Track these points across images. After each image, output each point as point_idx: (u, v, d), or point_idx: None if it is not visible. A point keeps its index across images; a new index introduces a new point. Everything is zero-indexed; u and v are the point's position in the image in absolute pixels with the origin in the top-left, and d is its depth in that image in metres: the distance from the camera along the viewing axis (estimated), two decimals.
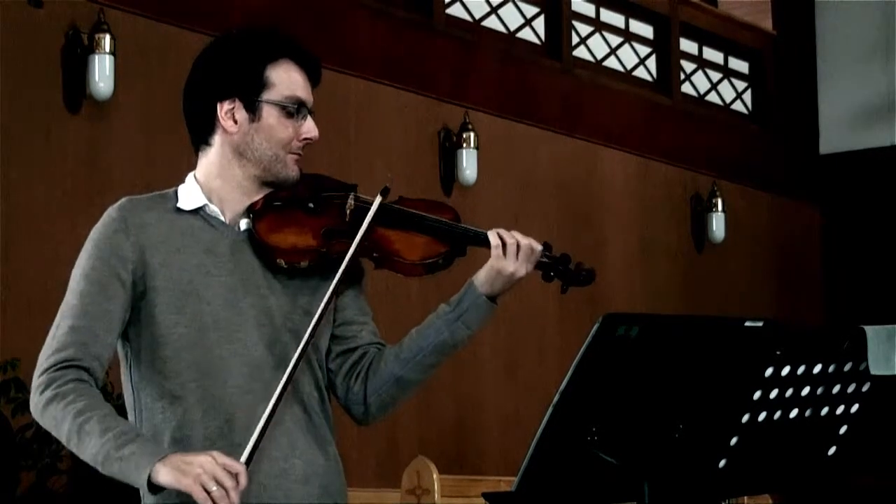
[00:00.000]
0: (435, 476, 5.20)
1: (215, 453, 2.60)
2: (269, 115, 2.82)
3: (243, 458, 2.62)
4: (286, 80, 2.84)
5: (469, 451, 7.76)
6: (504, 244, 2.80)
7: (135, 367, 2.83)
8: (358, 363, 2.89)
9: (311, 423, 2.84)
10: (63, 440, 2.75)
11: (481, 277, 2.83)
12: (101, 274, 2.78)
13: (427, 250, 2.84)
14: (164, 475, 2.59)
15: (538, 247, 2.83)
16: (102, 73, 6.21)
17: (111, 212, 2.84)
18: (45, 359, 2.76)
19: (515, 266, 2.80)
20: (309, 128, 2.86)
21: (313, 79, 2.90)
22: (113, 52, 6.23)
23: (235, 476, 2.57)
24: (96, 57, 6.21)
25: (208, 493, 2.55)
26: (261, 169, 2.84)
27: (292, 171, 2.85)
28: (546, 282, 2.90)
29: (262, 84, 2.82)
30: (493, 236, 2.82)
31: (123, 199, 2.87)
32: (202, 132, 2.87)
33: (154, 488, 2.63)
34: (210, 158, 2.87)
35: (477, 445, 7.82)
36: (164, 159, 6.18)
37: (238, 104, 2.82)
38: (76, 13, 6.28)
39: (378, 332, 2.94)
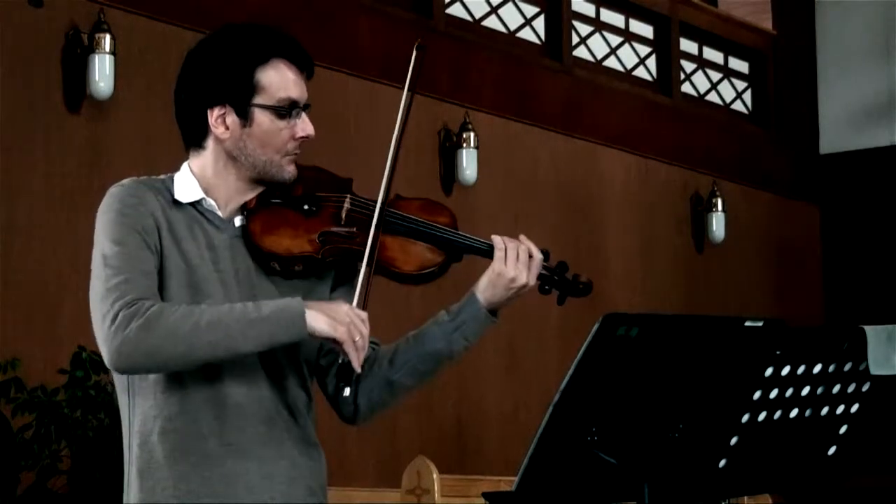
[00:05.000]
0: (435, 476, 5.20)
1: (349, 305, 2.70)
2: (262, 119, 2.78)
3: (359, 306, 2.72)
4: (277, 81, 2.78)
5: (469, 451, 7.76)
6: (506, 248, 2.79)
7: None
8: None
9: (297, 425, 2.82)
10: (181, 349, 2.60)
11: (482, 284, 2.81)
12: (134, 238, 2.71)
13: (424, 260, 2.82)
14: (321, 322, 2.64)
15: (538, 254, 2.82)
16: (102, 72, 6.21)
17: (122, 188, 2.78)
18: (108, 306, 2.63)
19: (516, 272, 2.78)
20: (304, 126, 2.80)
21: (305, 72, 2.84)
22: (113, 52, 6.23)
23: (366, 323, 2.68)
24: (96, 57, 6.20)
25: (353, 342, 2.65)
26: (255, 172, 2.80)
27: (287, 173, 2.81)
28: (543, 294, 2.88)
29: (252, 88, 2.77)
30: (497, 240, 2.81)
31: (129, 180, 2.82)
32: (195, 136, 2.83)
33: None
34: (204, 159, 2.83)
35: (477, 445, 7.81)
36: (164, 159, 6.14)
37: (229, 110, 2.77)
38: (76, 13, 6.28)
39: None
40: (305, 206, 2.82)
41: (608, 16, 9.20)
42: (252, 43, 2.80)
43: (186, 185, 2.82)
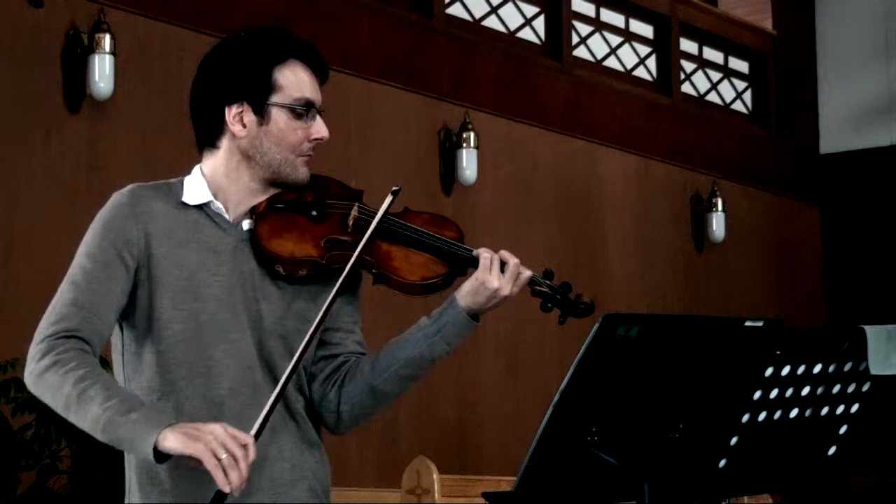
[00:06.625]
0: (435, 476, 5.20)
1: (224, 424, 2.56)
2: (279, 118, 2.80)
3: (252, 431, 2.58)
4: (294, 81, 2.82)
5: (469, 451, 7.76)
6: (492, 258, 2.80)
7: (128, 356, 2.81)
8: (337, 370, 2.87)
9: (297, 427, 2.83)
10: (59, 407, 2.66)
11: (464, 289, 2.82)
12: (107, 255, 2.76)
13: (427, 270, 2.83)
14: (172, 441, 2.53)
15: (526, 272, 2.82)
16: (102, 73, 6.21)
17: (120, 196, 2.82)
18: (44, 328, 2.72)
19: (500, 282, 2.79)
20: (319, 128, 2.84)
21: (321, 77, 2.88)
22: (113, 52, 6.23)
23: (245, 447, 2.53)
24: (96, 57, 6.21)
25: (218, 460, 2.50)
26: (270, 172, 2.82)
27: (302, 174, 2.83)
28: (544, 312, 2.88)
29: (270, 86, 2.80)
30: (483, 250, 2.82)
31: (132, 185, 2.85)
32: (209, 135, 2.85)
33: (160, 456, 2.56)
34: (217, 159, 2.85)
35: (477, 445, 7.82)
36: (164, 159, 6.18)
37: (246, 108, 2.80)
38: (76, 13, 6.28)
39: (364, 343, 2.93)
40: (314, 212, 2.83)
41: (608, 16, 9.20)
42: (270, 43, 2.84)
43: (196, 187, 2.84)
